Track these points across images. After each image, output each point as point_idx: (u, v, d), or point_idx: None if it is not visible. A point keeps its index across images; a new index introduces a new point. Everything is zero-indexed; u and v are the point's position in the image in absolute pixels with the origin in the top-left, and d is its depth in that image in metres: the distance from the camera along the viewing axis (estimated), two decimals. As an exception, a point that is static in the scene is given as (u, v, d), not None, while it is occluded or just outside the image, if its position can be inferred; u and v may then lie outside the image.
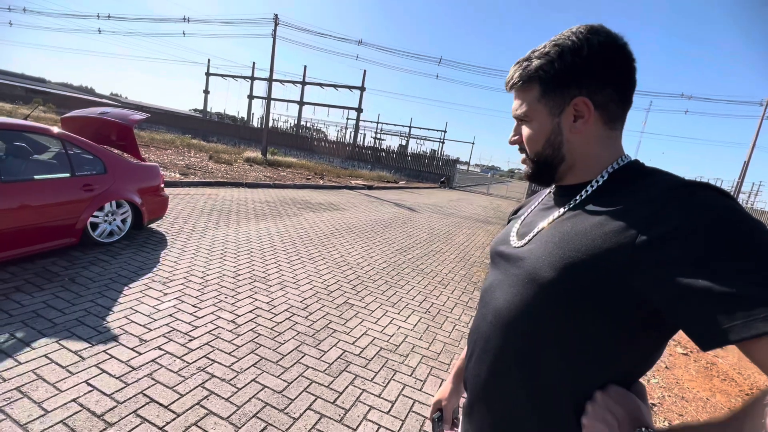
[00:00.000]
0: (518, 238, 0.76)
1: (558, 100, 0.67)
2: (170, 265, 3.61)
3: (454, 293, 4.20)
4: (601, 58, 0.64)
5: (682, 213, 0.50)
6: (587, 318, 0.59)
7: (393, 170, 27.82)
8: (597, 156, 0.69)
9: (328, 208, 8.45)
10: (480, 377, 0.74)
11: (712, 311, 0.45)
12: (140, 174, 4.24)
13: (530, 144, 0.72)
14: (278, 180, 11.88)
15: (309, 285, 3.69)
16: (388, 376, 2.44)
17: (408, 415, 2.10)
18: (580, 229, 0.62)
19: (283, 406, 1.99)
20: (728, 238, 0.47)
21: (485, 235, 8.35)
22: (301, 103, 38.93)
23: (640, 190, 0.59)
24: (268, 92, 19.71)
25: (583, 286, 0.59)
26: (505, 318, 0.69)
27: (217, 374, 2.15)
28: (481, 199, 19.62)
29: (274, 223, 6.09)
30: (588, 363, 0.61)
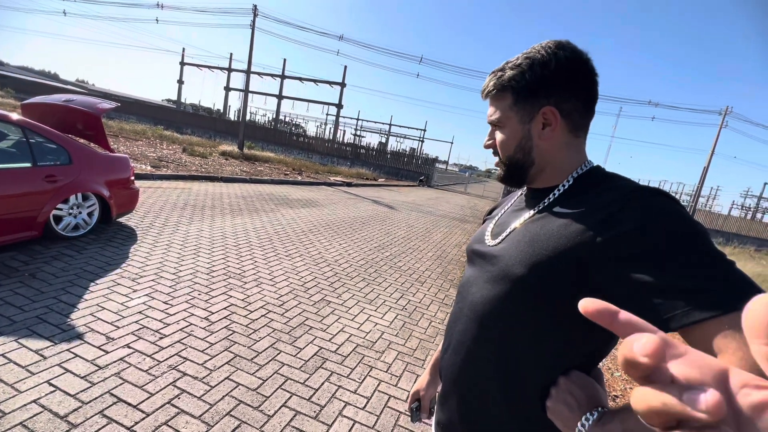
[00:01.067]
0: (492, 237, 0.80)
1: (528, 109, 0.72)
2: (140, 261, 3.49)
3: (430, 290, 4.26)
4: (567, 71, 0.70)
5: (635, 216, 0.56)
6: (555, 311, 0.64)
7: (372, 167, 27.80)
8: (563, 161, 0.74)
9: (306, 205, 8.37)
10: (455, 367, 0.78)
11: (658, 302, 0.50)
12: (108, 165, 4.07)
13: (503, 148, 0.77)
14: (255, 175, 11.65)
15: (286, 282, 3.66)
16: (364, 372, 2.45)
17: (383, 410, 2.12)
18: (548, 230, 0.67)
19: (257, 404, 1.97)
20: (674, 239, 0.52)
21: (462, 234, 8.49)
22: (279, 97, 38.23)
23: (601, 194, 0.64)
24: (245, 84, 19.25)
25: (550, 281, 0.64)
26: (480, 311, 0.73)
27: (189, 372, 2.11)
28: (458, 198, 19.92)
29: (251, 219, 5.98)
30: (555, 352, 0.66)
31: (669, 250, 0.52)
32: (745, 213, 37.04)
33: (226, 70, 40.98)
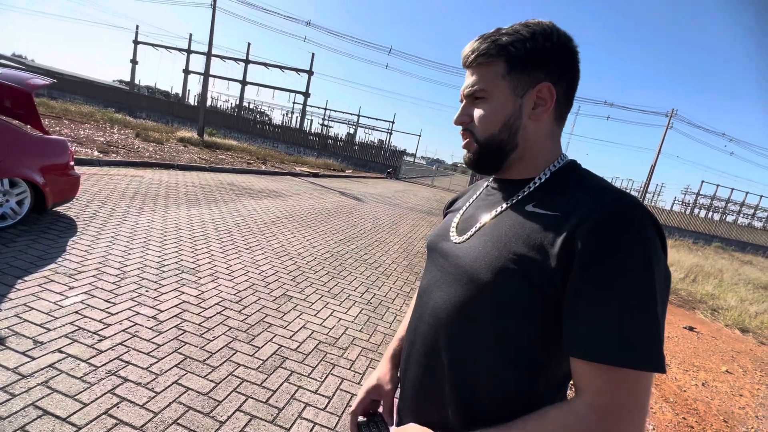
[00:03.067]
0: (458, 233, 0.72)
1: (524, 80, 0.64)
2: (79, 255, 3.17)
3: (396, 284, 4.22)
4: (567, 51, 0.64)
5: (596, 238, 0.52)
6: (523, 320, 0.58)
7: (340, 158, 27.41)
8: (543, 151, 0.67)
9: (269, 195, 8.06)
10: (417, 380, 0.70)
11: (575, 326, 0.52)
12: (42, 149, 3.66)
13: (484, 124, 0.66)
14: (216, 163, 11.09)
15: (245, 276, 3.47)
16: (326, 370, 2.36)
17: (345, 410, 2.04)
18: (518, 232, 0.61)
19: (208, 410, 1.83)
20: (624, 277, 0.50)
21: (428, 226, 8.54)
22: (243, 83, 36.64)
23: (578, 199, 0.58)
24: (206, 68, 18.19)
25: (519, 291, 0.57)
26: (444, 319, 0.66)
27: (131, 378, 1.92)
28: (425, 191, 20.10)
29: (208, 210, 5.66)
30: (521, 367, 0.60)
31: (604, 285, 0.51)
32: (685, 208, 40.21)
33: (185, 52, 38.67)
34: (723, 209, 39.56)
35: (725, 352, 4.50)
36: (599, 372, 0.50)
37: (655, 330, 0.49)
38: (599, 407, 0.49)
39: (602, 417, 0.49)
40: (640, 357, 0.48)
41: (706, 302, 6.71)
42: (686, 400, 3.08)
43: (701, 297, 6.93)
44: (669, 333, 4.72)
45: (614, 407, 0.49)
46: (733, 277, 10.09)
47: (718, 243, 25.07)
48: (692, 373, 3.63)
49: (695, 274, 9.07)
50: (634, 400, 0.49)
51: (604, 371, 0.49)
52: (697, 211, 38.26)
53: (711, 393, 3.31)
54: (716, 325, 5.65)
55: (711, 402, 3.14)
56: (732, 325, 5.71)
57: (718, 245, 24.00)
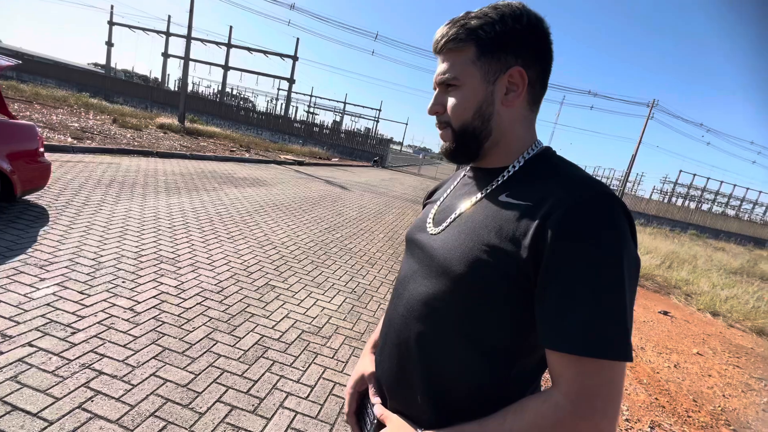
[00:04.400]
0: (434, 224, 0.71)
1: (494, 65, 0.62)
2: (51, 245, 3.05)
3: (381, 272, 4.23)
4: (536, 31, 0.62)
5: (565, 227, 0.52)
6: (496, 312, 0.58)
7: (326, 146, 27.08)
8: (517, 138, 0.66)
9: (253, 184, 7.92)
10: (392, 372, 0.70)
11: (547, 318, 0.52)
12: (8, 134, 3.48)
13: (458, 112, 0.65)
14: (197, 150, 10.80)
15: (226, 266, 3.41)
16: (308, 359, 2.35)
17: (327, 398, 2.05)
18: (491, 223, 0.60)
19: (187, 401, 1.80)
20: (594, 268, 0.50)
21: (414, 215, 8.56)
22: (226, 68, 35.58)
23: (549, 188, 0.57)
24: (186, 51, 17.55)
25: (492, 282, 0.57)
26: (418, 311, 0.65)
27: (106, 371, 1.87)
28: (412, 180, 20.10)
29: (189, 198, 5.52)
30: (495, 359, 0.60)
31: (575, 275, 0.51)
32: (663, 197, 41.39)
33: (164, 35, 37.22)
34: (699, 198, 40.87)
35: (697, 335, 4.69)
36: (572, 363, 0.50)
37: (623, 320, 0.49)
38: (574, 397, 0.50)
39: (577, 406, 0.49)
40: (609, 347, 0.48)
41: (681, 288, 6.95)
42: (659, 381, 3.20)
43: (676, 282, 7.17)
44: (645, 317, 4.89)
45: (588, 396, 0.49)
46: (706, 263, 10.48)
47: (694, 230, 25.95)
48: (665, 356, 3.78)
49: (671, 261, 9.37)
50: (607, 388, 0.49)
51: (576, 362, 0.50)
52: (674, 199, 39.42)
53: (682, 374, 3.45)
54: (689, 310, 5.88)
55: (682, 383, 3.28)
56: (704, 309, 5.95)
57: (694, 233, 24.85)
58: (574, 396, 0.50)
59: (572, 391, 0.50)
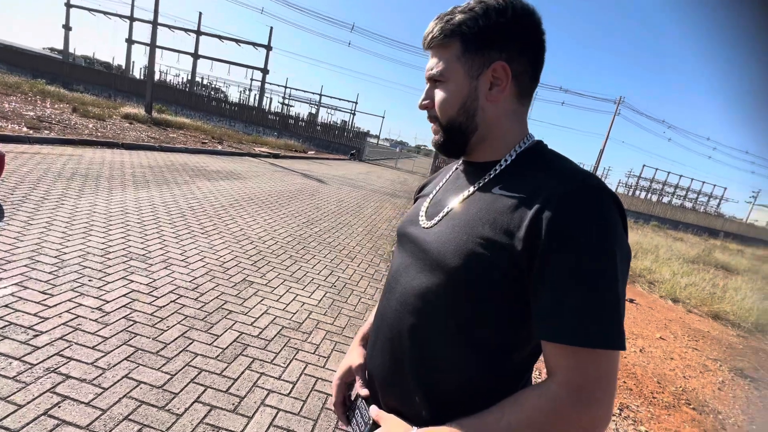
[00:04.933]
0: (427, 218, 0.71)
1: (478, 61, 0.62)
2: (8, 242, 2.85)
3: (360, 266, 4.21)
4: (523, 24, 0.61)
5: (561, 221, 0.52)
6: (491, 304, 0.58)
7: (302, 139, 26.60)
8: (507, 131, 0.66)
9: (227, 177, 7.69)
10: (384, 367, 0.69)
11: (542, 310, 0.53)
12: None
13: (444, 108, 0.65)
14: (166, 142, 10.36)
15: (201, 262, 3.30)
16: (289, 355, 2.32)
17: (310, 394, 2.03)
18: (485, 216, 0.60)
19: (163, 403, 1.74)
20: (588, 260, 0.51)
21: (393, 208, 8.58)
22: (195, 56, 34.16)
23: (542, 181, 0.58)
24: (152, 37, 16.70)
25: (487, 275, 0.57)
26: (411, 305, 0.64)
27: (74, 374, 1.78)
28: (389, 173, 20.12)
29: (159, 192, 5.30)
30: (490, 352, 0.60)
31: (569, 268, 0.51)
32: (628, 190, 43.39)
33: (128, 19, 35.24)
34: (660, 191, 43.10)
35: (660, 320, 4.97)
36: (569, 354, 0.51)
37: (617, 310, 0.50)
38: (571, 387, 0.50)
39: (575, 396, 0.50)
40: (605, 337, 0.49)
41: (645, 276, 7.33)
42: (626, 365, 3.38)
43: (640, 271, 7.56)
44: (613, 305, 5.12)
45: (585, 386, 0.50)
46: (666, 253, 11.09)
47: (655, 222, 27.39)
48: (631, 341, 3.98)
49: (636, 251, 9.86)
50: (604, 378, 0.50)
51: (573, 353, 0.50)
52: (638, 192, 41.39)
53: (647, 358, 3.65)
54: (653, 297, 6.21)
55: (647, 366, 3.46)
56: (666, 296, 6.30)
57: (655, 224, 26.24)
58: (572, 387, 0.50)
59: (569, 382, 0.51)
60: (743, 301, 6.56)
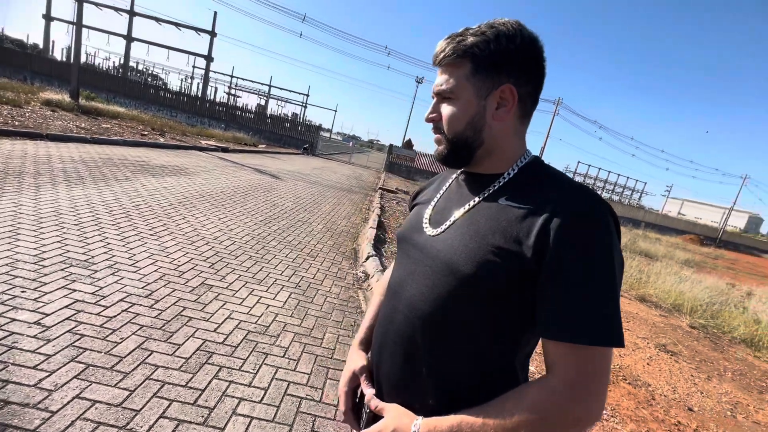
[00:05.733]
0: (432, 226, 0.73)
1: (487, 82, 0.66)
2: None
3: (324, 265, 4.17)
4: (531, 52, 0.66)
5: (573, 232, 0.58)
6: (502, 307, 0.62)
7: (251, 132, 25.47)
8: (510, 148, 0.71)
9: (173, 172, 7.18)
10: (395, 371, 0.71)
11: (550, 311, 0.58)
12: None
13: (451, 123, 0.69)
14: (100, 134, 9.43)
15: (153, 267, 3.08)
16: (258, 361, 2.25)
17: (283, 399, 1.99)
18: (495, 225, 0.64)
19: (124, 422, 1.62)
20: (590, 266, 0.57)
21: (350, 204, 8.55)
22: (129, 39, 31.23)
23: (547, 193, 0.63)
24: (76, 15, 14.97)
25: (499, 280, 0.61)
26: (421, 310, 0.67)
27: (13, 399, 1.59)
28: (344, 168, 19.96)
29: (97, 190, 4.83)
30: (498, 351, 0.65)
31: (574, 274, 0.56)
32: (566, 185, 46.95)
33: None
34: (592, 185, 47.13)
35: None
36: (572, 351, 0.56)
37: (616, 311, 0.57)
38: (571, 382, 0.56)
39: (574, 390, 0.56)
40: (607, 336, 0.55)
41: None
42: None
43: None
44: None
45: (585, 381, 0.56)
46: (600, 243, 12.17)
47: (589, 214, 29.88)
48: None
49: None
50: (601, 372, 0.56)
51: (577, 350, 0.56)
52: (574, 187, 44.96)
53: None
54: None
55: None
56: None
57: (589, 216, 28.63)
58: (571, 381, 0.56)
59: (570, 377, 0.56)
60: (663, 285, 7.42)
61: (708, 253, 21.96)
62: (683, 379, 3.55)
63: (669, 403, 2.99)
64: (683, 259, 13.43)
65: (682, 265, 10.76)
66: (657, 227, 32.48)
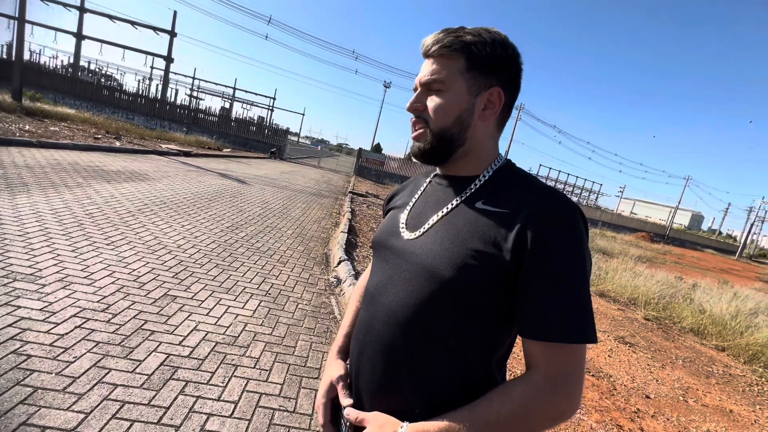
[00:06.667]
0: (409, 230, 0.73)
1: (480, 82, 0.67)
2: None
3: (294, 271, 4.09)
4: (518, 64, 0.69)
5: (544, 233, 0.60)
6: (482, 309, 0.63)
7: (215, 136, 24.64)
8: (486, 151, 0.73)
9: (130, 178, 6.80)
10: (376, 378, 0.70)
11: (530, 311, 0.60)
12: None
13: (439, 115, 0.69)
14: (47, 137, 8.77)
15: (110, 278, 2.89)
16: (227, 373, 2.16)
17: (255, 412, 1.92)
18: (473, 229, 0.65)
19: (80, 447, 1.50)
20: (566, 267, 0.59)
21: (320, 209, 8.45)
22: (79, 37, 29.34)
23: (522, 197, 0.65)
24: (18, 9, 13.88)
25: (479, 284, 0.62)
26: (401, 316, 0.66)
27: (-51, 430, 1.43)
28: (313, 172, 19.72)
29: (45, 197, 4.48)
30: (479, 352, 0.65)
31: (551, 275, 0.59)
32: (530, 187, 49.00)
33: (-19, -16, 28.77)
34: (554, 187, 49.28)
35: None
36: (553, 349, 0.58)
37: (590, 308, 0.59)
38: (553, 378, 0.58)
39: (556, 386, 0.58)
40: (584, 333, 0.58)
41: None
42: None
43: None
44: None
45: (565, 375, 0.58)
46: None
47: (552, 215, 31.30)
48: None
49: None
50: (579, 367, 0.59)
51: (557, 348, 0.58)
52: (537, 189, 47.02)
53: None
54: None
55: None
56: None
57: (552, 217, 29.99)
58: (553, 377, 0.58)
59: (551, 374, 0.58)
60: (620, 280, 7.88)
61: (658, 249, 23.54)
62: (641, 368, 3.76)
63: (629, 392, 3.16)
64: (637, 255, 14.31)
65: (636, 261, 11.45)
66: (612, 226, 34.46)
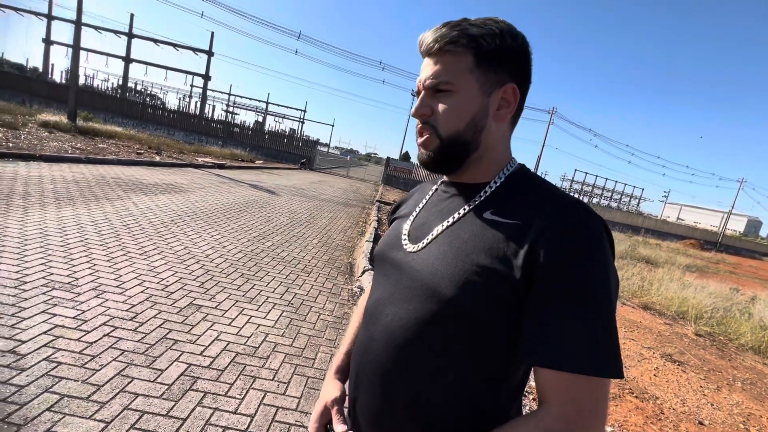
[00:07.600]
0: (411, 241, 0.66)
1: (492, 78, 0.59)
2: None
3: (317, 281, 4.08)
4: (528, 55, 0.61)
5: (565, 250, 0.51)
6: (488, 333, 0.55)
7: (248, 148, 25.61)
8: (499, 154, 0.64)
9: (167, 190, 7.13)
10: (374, 404, 0.63)
11: (542, 337, 0.51)
12: None
13: (450, 119, 0.60)
14: (95, 153, 9.42)
15: (140, 287, 2.99)
16: (245, 385, 2.15)
17: (270, 426, 1.88)
18: (479, 242, 0.57)
19: (97, 457, 1.51)
20: (586, 288, 0.50)
21: (347, 218, 8.48)
22: (127, 60, 31.67)
23: (535, 206, 0.56)
24: (75, 38, 15.17)
25: (484, 304, 0.54)
26: (401, 338, 0.59)
27: (-21, 436, 1.49)
28: (341, 182, 19.98)
29: (87, 210, 4.76)
30: (485, 381, 0.57)
31: (568, 296, 0.50)
32: (564, 193, 47.38)
33: (44, 17, 31.87)
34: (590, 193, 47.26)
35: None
36: (567, 381, 0.49)
37: (615, 337, 0.50)
38: (566, 416, 0.49)
39: (569, 426, 0.49)
40: (605, 365, 0.48)
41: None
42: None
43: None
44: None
45: (581, 415, 0.49)
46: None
47: (589, 222, 29.97)
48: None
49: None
50: (598, 406, 0.49)
51: (571, 380, 0.49)
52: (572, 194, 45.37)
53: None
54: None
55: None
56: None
57: (589, 224, 28.70)
58: (567, 417, 0.49)
59: (565, 413, 0.49)
60: (666, 291, 7.31)
61: (709, 257, 21.85)
62: (692, 390, 3.42)
63: (678, 416, 2.87)
64: (685, 264, 13.32)
65: (684, 271, 10.64)
66: (656, 233, 32.43)
